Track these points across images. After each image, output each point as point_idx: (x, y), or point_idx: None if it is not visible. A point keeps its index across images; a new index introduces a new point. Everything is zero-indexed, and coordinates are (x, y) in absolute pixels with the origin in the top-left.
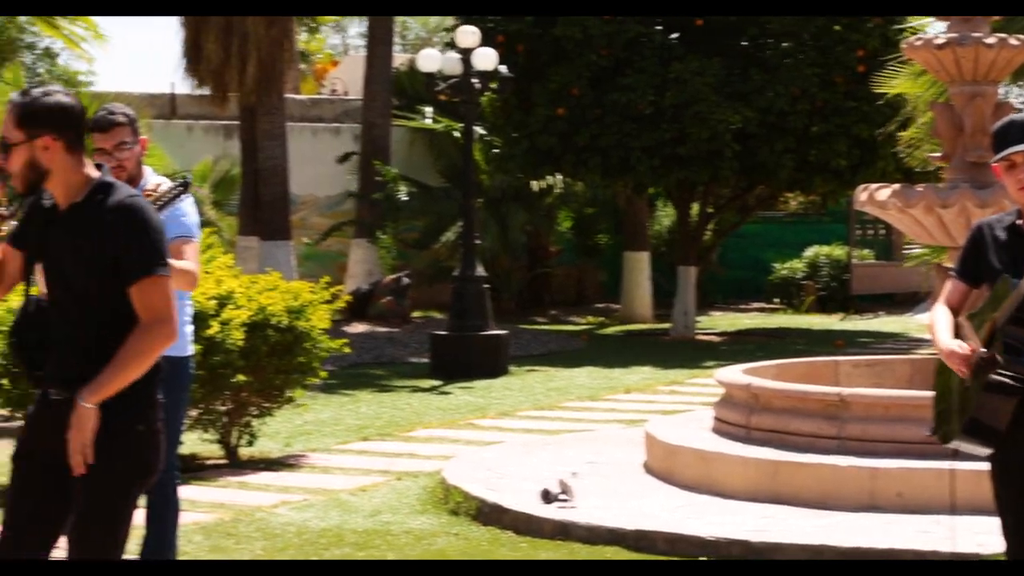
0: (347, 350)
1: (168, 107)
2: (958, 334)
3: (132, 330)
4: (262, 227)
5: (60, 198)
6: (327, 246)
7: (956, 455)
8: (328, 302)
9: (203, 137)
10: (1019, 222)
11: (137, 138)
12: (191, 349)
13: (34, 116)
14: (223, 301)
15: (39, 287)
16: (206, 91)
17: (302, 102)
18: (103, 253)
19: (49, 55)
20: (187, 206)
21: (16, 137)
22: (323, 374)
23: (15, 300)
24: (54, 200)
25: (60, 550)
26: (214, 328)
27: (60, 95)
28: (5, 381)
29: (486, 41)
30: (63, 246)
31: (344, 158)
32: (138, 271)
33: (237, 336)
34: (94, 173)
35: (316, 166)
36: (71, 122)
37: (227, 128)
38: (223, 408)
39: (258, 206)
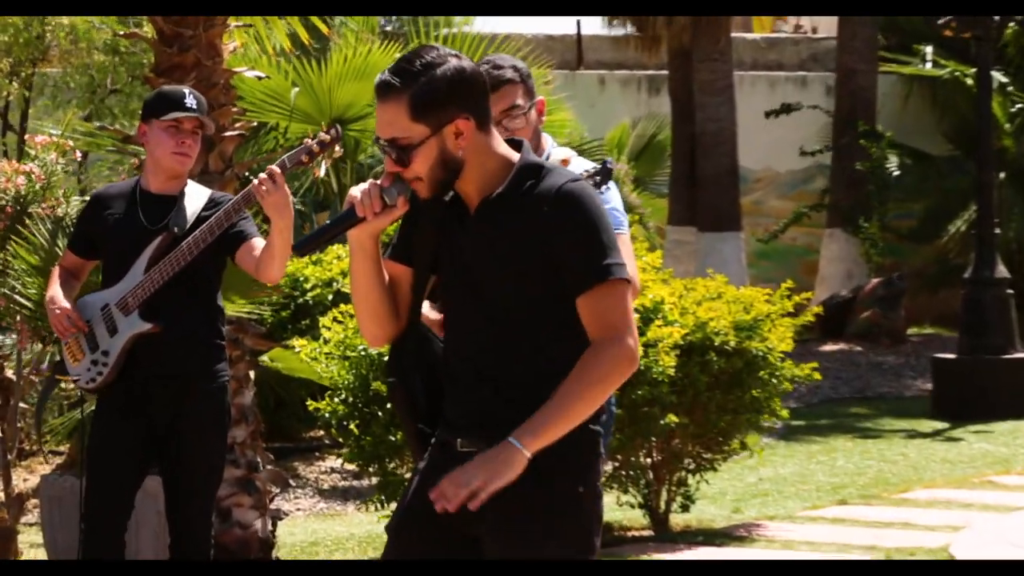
0: (817, 376)
1: (573, 53)
2: None
3: (573, 356)
4: (701, 214)
5: (472, 192)
6: (790, 239)
7: None
8: (791, 315)
9: (619, 92)
10: None
11: (532, 99)
12: None
13: (434, 98)
14: (648, 315)
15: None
16: (625, 31)
17: (755, 43)
18: (535, 257)
19: None
20: (611, 195)
21: (418, 134)
22: (784, 414)
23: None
24: (456, 193)
25: None
26: None
27: (449, 56)
28: (353, 426)
29: None
30: (476, 252)
31: (783, 111)
32: (591, 277)
33: (668, 362)
34: (512, 154)
35: (775, 130)
36: (478, 90)
37: (651, 80)
38: (648, 461)
39: (696, 185)
